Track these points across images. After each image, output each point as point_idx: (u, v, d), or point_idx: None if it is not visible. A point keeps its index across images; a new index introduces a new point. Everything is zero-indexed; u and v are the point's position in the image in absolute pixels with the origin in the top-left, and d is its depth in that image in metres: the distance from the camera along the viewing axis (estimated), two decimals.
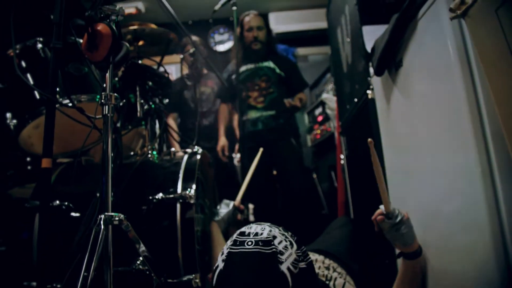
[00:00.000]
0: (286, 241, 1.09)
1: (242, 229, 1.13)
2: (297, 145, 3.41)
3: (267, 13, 5.06)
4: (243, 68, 3.31)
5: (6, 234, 1.82)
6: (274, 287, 1.02)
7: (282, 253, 1.05)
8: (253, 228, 1.12)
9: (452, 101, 1.19)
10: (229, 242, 1.11)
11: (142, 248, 1.34)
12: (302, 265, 1.07)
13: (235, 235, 1.12)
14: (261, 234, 1.08)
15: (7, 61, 1.83)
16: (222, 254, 1.10)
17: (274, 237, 1.08)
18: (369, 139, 1.24)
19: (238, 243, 1.08)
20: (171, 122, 3.44)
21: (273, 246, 1.06)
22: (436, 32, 1.25)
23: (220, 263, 1.08)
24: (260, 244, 1.05)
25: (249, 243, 1.06)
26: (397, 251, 1.36)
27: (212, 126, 3.45)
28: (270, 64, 3.32)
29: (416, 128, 1.48)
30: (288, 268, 1.03)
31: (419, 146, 1.46)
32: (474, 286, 1.12)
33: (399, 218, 1.29)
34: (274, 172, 3.48)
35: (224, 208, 1.97)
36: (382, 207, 1.33)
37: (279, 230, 1.13)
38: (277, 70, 3.31)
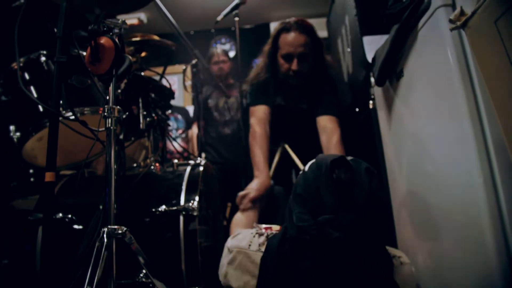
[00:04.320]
0: None
1: None
2: None
3: (268, 22, 5.11)
4: None
5: (8, 246, 1.82)
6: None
7: None
8: None
9: (453, 110, 1.19)
10: None
11: (145, 260, 1.33)
12: None
13: None
14: None
15: (11, 74, 1.84)
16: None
17: None
18: None
19: None
20: (195, 130, 3.49)
21: None
22: (436, 42, 1.26)
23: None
24: None
25: None
26: None
27: (235, 135, 3.41)
28: None
29: (418, 138, 1.48)
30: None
31: (421, 156, 1.46)
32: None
33: None
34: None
35: None
36: None
37: None
38: None
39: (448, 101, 1.22)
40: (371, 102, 1.92)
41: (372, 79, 1.85)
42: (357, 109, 2.21)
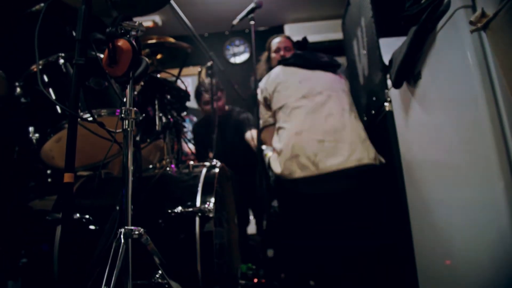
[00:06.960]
0: None
1: None
2: None
3: (283, 24, 5.10)
4: None
5: (27, 246, 1.84)
6: None
7: None
8: None
9: (473, 113, 1.17)
10: None
11: (161, 261, 1.34)
12: None
13: None
14: None
15: (30, 76, 1.87)
16: None
17: None
18: None
19: None
20: None
21: None
22: (456, 44, 1.24)
23: None
24: None
25: None
26: None
27: (242, 140, 3.37)
28: None
29: (435, 140, 1.46)
30: None
31: (439, 159, 1.44)
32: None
33: None
34: None
35: None
36: None
37: None
38: None
39: (467, 103, 1.20)
40: (387, 104, 1.90)
41: (389, 81, 1.84)
42: (373, 111, 2.19)
